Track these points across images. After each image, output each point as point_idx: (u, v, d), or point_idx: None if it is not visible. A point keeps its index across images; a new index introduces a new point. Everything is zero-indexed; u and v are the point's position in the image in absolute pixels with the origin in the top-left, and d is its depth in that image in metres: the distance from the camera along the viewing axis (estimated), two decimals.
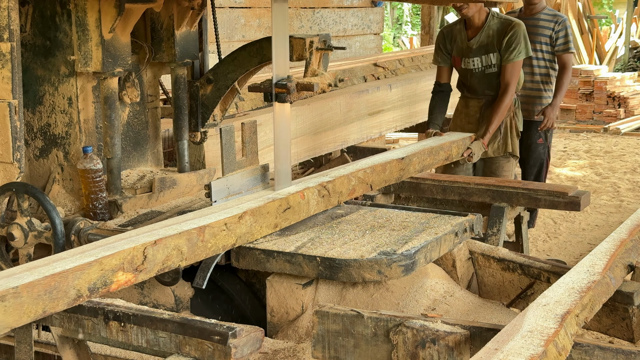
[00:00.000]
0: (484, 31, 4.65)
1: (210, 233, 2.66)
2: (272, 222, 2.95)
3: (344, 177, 3.35)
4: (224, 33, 6.89)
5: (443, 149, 4.21)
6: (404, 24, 22.36)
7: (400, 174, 3.78)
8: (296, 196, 3.06)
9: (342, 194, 3.33)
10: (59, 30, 3.29)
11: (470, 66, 4.73)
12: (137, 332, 2.36)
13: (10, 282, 2.06)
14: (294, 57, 3.35)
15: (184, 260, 2.56)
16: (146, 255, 2.41)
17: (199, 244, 2.61)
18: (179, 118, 3.72)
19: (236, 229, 2.77)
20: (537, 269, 3.25)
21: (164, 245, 2.47)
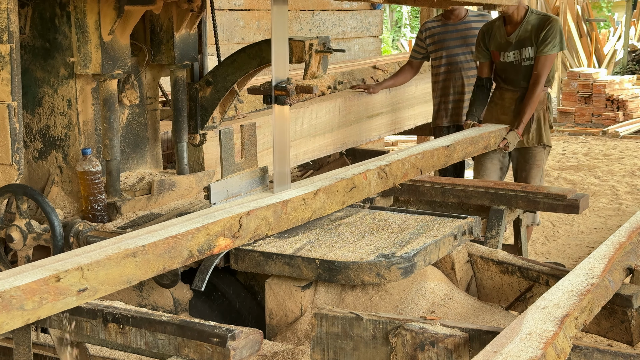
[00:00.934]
0: (523, 26, 4.89)
1: (292, 207, 2.99)
2: (340, 199, 3.24)
3: (399, 161, 3.66)
4: (223, 35, 6.89)
5: (482, 138, 4.53)
6: (403, 27, 22.38)
7: (446, 160, 4.11)
8: (360, 177, 3.35)
9: (397, 176, 3.63)
10: (59, 32, 3.29)
11: (509, 59, 4.95)
12: (136, 334, 2.36)
13: (138, 241, 2.40)
14: (294, 59, 3.35)
15: (270, 229, 2.89)
16: (241, 223, 2.75)
17: (282, 216, 2.94)
18: (178, 120, 3.72)
19: (312, 204, 3.09)
20: (536, 272, 3.25)
21: (255, 216, 2.82)
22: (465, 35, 5.61)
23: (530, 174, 5.00)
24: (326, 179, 3.27)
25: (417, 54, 5.75)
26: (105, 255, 2.28)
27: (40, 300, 2.09)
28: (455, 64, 5.62)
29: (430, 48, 5.67)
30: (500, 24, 5.01)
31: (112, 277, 2.29)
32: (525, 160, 5.01)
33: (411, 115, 6.45)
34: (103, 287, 2.27)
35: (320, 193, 3.12)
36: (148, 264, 2.39)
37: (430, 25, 5.71)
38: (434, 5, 3.94)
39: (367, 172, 3.40)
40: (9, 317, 2.00)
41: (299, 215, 3.02)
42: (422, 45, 5.72)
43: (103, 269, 2.26)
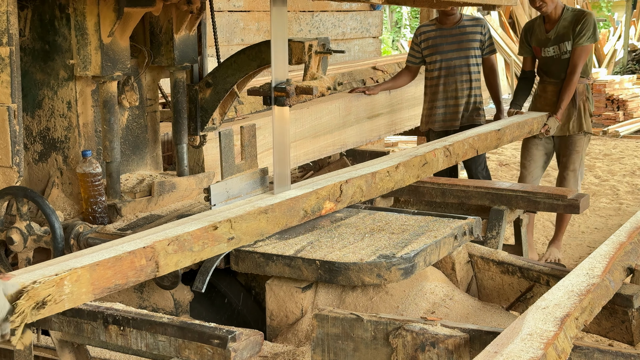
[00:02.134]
0: (560, 23, 5.32)
1: (379, 177, 3.45)
2: (415, 173, 3.73)
3: (460, 142, 4.19)
4: (223, 37, 6.89)
5: (527, 123, 5.06)
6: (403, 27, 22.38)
7: (497, 143, 4.65)
8: (430, 154, 3.86)
9: (458, 155, 4.16)
10: (58, 34, 3.30)
11: (549, 54, 5.39)
12: (137, 336, 2.36)
13: (268, 202, 2.95)
14: (293, 60, 3.35)
15: (363, 196, 3.35)
16: (342, 190, 3.21)
17: (372, 185, 3.38)
18: (178, 122, 3.72)
19: (394, 175, 3.55)
20: (536, 272, 3.25)
21: (352, 184, 3.28)
22: (460, 40, 5.64)
23: (570, 159, 5.40)
24: (403, 155, 3.79)
25: (413, 59, 5.78)
26: (245, 211, 2.80)
27: (202, 245, 2.57)
28: (450, 68, 5.63)
29: (425, 52, 5.68)
30: (540, 22, 5.45)
31: (250, 229, 2.80)
32: (567, 146, 5.41)
33: (411, 116, 6.45)
34: (244, 237, 2.77)
35: (401, 167, 3.61)
36: (275, 220, 2.90)
37: (425, 30, 5.72)
38: (433, 5, 3.94)
39: (435, 150, 3.92)
40: (182, 257, 2.50)
41: (385, 185, 3.48)
42: (418, 50, 5.73)
43: (245, 222, 2.77)
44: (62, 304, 2.10)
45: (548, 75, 5.46)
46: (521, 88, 5.63)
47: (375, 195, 3.39)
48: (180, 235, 2.49)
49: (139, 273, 2.36)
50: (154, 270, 2.40)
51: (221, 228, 2.63)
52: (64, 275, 2.10)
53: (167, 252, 2.43)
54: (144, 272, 2.37)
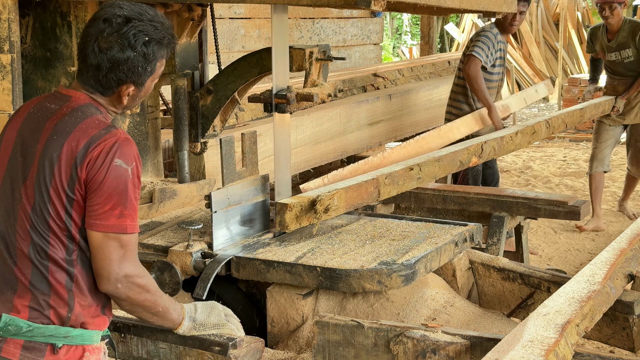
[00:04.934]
0: (620, 33, 6.11)
1: (505, 141, 4.48)
2: (527, 139, 4.81)
3: (556, 117, 5.22)
4: (224, 44, 6.90)
5: (601, 104, 5.99)
6: (404, 34, 22.39)
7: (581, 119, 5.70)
8: (538, 125, 4.88)
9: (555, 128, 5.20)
10: (59, 41, 3.30)
11: (612, 58, 6.20)
12: (137, 342, 2.36)
13: (439, 153, 3.96)
14: (294, 67, 3.35)
15: (495, 154, 4.42)
16: (483, 148, 4.21)
17: (502, 145, 4.43)
18: (179, 129, 3.72)
19: (515, 140, 4.60)
20: (537, 279, 3.25)
21: (488, 144, 4.27)
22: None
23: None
24: (519, 126, 4.82)
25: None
26: (426, 158, 3.80)
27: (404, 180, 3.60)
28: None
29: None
30: (603, 30, 6.25)
31: (430, 172, 3.75)
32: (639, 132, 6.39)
33: (412, 123, 6.45)
34: (426, 178, 3.76)
35: (519, 134, 4.63)
36: (444, 167, 3.89)
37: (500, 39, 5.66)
38: (433, 13, 3.95)
39: (539, 122, 4.90)
40: (392, 188, 3.47)
41: (509, 147, 4.53)
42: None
43: (427, 167, 3.74)
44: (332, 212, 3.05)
45: (614, 73, 6.28)
46: (595, 67, 6.63)
47: (503, 154, 4.62)
48: (392, 172, 3.48)
49: (369, 197, 3.29)
50: (377, 196, 3.34)
51: (415, 169, 3.62)
52: (334, 193, 3.06)
53: (384, 183, 3.39)
54: (372, 197, 3.32)
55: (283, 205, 2.94)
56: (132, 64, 1.98)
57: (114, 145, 1.93)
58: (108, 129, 1.96)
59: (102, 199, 1.92)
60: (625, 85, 6.27)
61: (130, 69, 1.99)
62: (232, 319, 2.35)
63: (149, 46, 2.00)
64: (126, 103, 2.06)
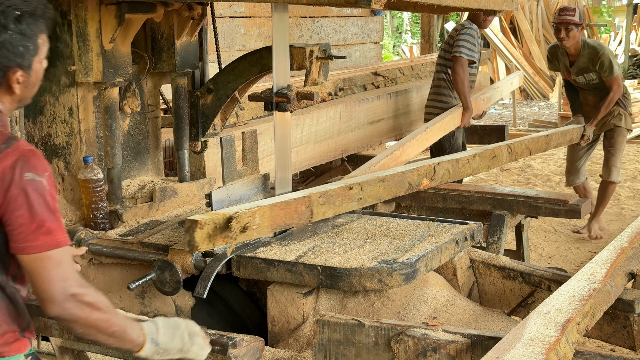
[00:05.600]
0: (580, 59, 5.76)
1: (462, 163, 4.02)
2: (486, 163, 4.30)
3: (518, 142, 4.73)
4: (224, 43, 6.90)
5: (569, 132, 5.69)
6: (404, 33, 22.39)
7: (546, 146, 5.21)
8: (498, 149, 4.41)
9: (517, 153, 4.68)
10: (60, 40, 3.30)
11: (578, 81, 5.92)
12: None
13: (384, 173, 3.46)
14: (294, 66, 3.35)
15: (450, 177, 3.89)
16: (435, 170, 3.77)
17: (457, 169, 3.96)
18: (179, 127, 3.72)
19: (472, 163, 4.13)
20: (537, 277, 3.25)
21: (442, 166, 3.84)
22: None
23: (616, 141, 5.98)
24: (477, 149, 4.44)
25: None
26: (370, 178, 3.34)
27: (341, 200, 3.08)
28: None
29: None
30: (563, 51, 5.85)
31: (373, 193, 3.31)
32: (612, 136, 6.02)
33: (412, 121, 6.45)
34: (369, 199, 3.28)
35: (477, 157, 4.20)
36: (389, 188, 3.42)
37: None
38: (434, 11, 3.95)
39: (501, 147, 4.51)
40: (327, 208, 3.03)
41: (465, 170, 4.05)
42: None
43: (370, 186, 3.28)
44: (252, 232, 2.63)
45: (584, 91, 6.00)
46: (570, 94, 6.16)
47: (457, 178, 3.95)
48: (327, 190, 3.04)
49: (299, 217, 2.89)
50: (309, 216, 2.93)
51: (354, 189, 3.17)
52: (255, 210, 2.65)
53: (318, 202, 2.97)
54: (302, 217, 2.90)
55: (193, 223, 2.47)
56: (10, 45, 1.84)
57: (18, 160, 1.80)
58: (8, 143, 1.82)
59: (24, 219, 1.78)
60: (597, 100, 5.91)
61: (10, 50, 1.84)
62: (196, 338, 2.17)
63: (22, 21, 1.85)
64: (19, 92, 1.91)
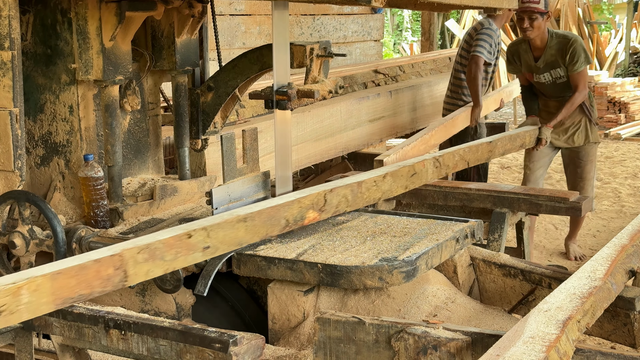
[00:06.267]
0: (547, 51, 5.21)
1: (365, 187, 3.21)
2: (404, 183, 3.49)
3: (450, 153, 3.99)
4: (225, 40, 6.90)
5: (519, 137, 4.95)
6: (404, 31, 22.38)
7: (489, 155, 4.50)
8: (419, 165, 3.63)
9: (448, 167, 3.95)
10: (60, 38, 3.30)
11: (542, 80, 5.32)
12: (138, 340, 2.36)
13: (247, 210, 2.67)
14: (295, 64, 3.35)
15: (349, 206, 3.11)
16: (326, 199, 2.96)
17: (358, 195, 3.16)
18: (179, 125, 3.72)
19: (382, 185, 3.31)
20: (538, 275, 3.25)
21: (337, 193, 3.03)
22: None
23: (585, 169, 5.47)
24: (394, 165, 3.58)
25: None
26: (222, 219, 2.56)
27: (175, 254, 2.36)
28: None
29: None
30: (526, 47, 5.31)
31: (228, 237, 2.56)
32: (580, 157, 5.46)
33: (413, 119, 6.45)
34: (222, 246, 2.55)
35: (388, 176, 3.38)
36: (255, 229, 2.68)
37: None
38: (434, 9, 3.95)
39: (425, 161, 3.71)
40: (153, 266, 2.30)
41: (371, 195, 3.27)
42: None
43: (222, 230, 2.53)
44: (18, 315, 1.93)
45: (546, 95, 5.43)
46: (528, 97, 5.57)
47: (361, 206, 3.22)
48: (152, 243, 2.29)
49: (106, 283, 2.16)
50: (122, 279, 2.21)
51: (196, 236, 2.43)
52: (22, 284, 1.92)
53: (136, 260, 2.23)
54: (111, 282, 2.18)
55: None
56: None
57: None
58: None
59: None
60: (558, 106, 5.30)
61: None
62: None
63: None
64: None
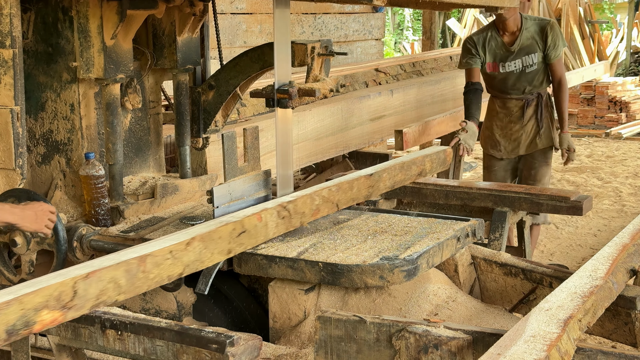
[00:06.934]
0: (523, 34, 4.88)
1: (153, 262, 2.36)
2: (225, 247, 2.69)
3: (307, 196, 3.09)
4: (226, 39, 6.90)
5: (415, 163, 3.84)
6: (405, 30, 22.38)
7: (369, 192, 3.47)
8: (252, 218, 2.81)
9: (304, 214, 3.08)
10: (61, 36, 3.30)
11: (510, 69, 4.94)
12: (135, 340, 2.33)
13: None
14: (296, 62, 3.35)
15: (122, 294, 2.27)
16: (76, 290, 2.09)
17: (139, 275, 2.32)
18: (180, 124, 3.72)
19: (183, 256, 2.49)
20: (539, 274, 3.25)
21: (98, 278, 2.16)
22: None
23: (540, 172, 5.10)
24: (209, 224, 2.71)
25: None
26: None
27: None
28: None
29: None
30: (494, 34, 4.96)
31: None
32: (537, 160, 5.10)
33: (414, 118, 6.45)
34: None
35: (195, 242, 2.54)
36: None
37: None
38: (435, 8, 3.93)
39: (264, 211, 2.88)
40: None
41: (164, 272, 2.42)
42: None
43: None
44: None
45: (507, 91, 5.05)
46: (473, 99, 5.03)
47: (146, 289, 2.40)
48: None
49: None
50: None
51: None
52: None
53: None
54: None
55: None
56: None
57: None
58: None
59: None
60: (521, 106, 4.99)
61: None
62: None
63: None
64: None
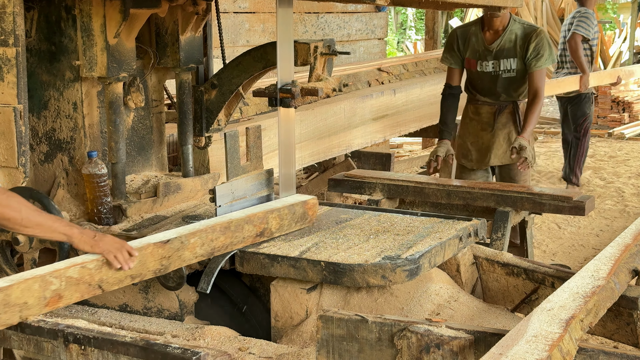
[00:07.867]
0: (506, 35, 4.58)
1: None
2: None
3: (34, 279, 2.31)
4: (229, 38, 6.89)
5: (252, 222, 2.90)
6: (408, 29, 22.36)
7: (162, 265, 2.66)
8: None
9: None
10: (64, 35, 3.30)
11: (487, 69, 4.66)
12: (98, 355, 2.28)
13: None
14: (299, 62, 3.35)
15: None
16: None
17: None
18: (183, 123, 3.73)
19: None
20: (541, 274, 3.25)
21: None
22: None
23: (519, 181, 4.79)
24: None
25: None
26: None
27: None
28: None
29: None
30: (477, 29, 4.68)
31: None
32: (510, 177, 4.81)
33: (416, 117, 6.45)
34: None
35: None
36: None
37: None
38: (438, 7, 3.93)
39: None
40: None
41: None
42: None
43: None
44: None
45: (482, 93, 4.75)
46: (449, 109, 4.77)
47: None
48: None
49: None
50: None
51: None
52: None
53: None
54: None
55: None
56: None
57: None
58: None
59: None
60: (492, 112, 4.70)
61: None
62: None
63: None
64: None
